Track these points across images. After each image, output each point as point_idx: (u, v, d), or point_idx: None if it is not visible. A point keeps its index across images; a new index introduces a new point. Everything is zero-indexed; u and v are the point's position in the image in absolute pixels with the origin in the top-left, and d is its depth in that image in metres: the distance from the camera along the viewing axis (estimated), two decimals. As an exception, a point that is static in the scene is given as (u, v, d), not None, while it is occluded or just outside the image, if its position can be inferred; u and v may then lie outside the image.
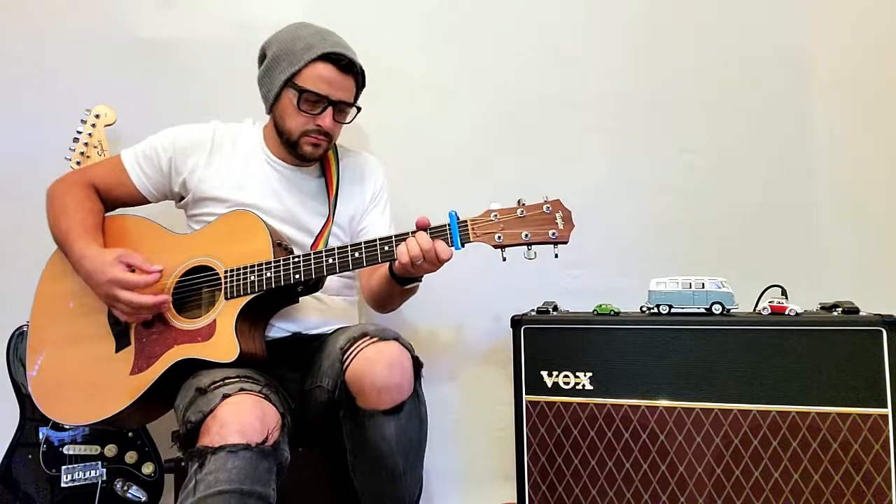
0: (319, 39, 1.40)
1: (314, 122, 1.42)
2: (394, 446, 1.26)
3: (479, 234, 1.27)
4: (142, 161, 1.47)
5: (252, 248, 1.33)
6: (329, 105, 1.41)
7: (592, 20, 1.88)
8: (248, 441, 1.09)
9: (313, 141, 1.44)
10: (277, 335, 1.44)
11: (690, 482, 1.43)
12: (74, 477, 1.58)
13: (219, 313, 1.31)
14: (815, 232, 1.80)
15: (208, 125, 1.52)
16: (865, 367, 1.36)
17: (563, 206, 1.29)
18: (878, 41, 1.80)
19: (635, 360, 1.47)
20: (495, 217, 1.27)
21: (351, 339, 1.29)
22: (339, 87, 1.41)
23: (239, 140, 1.52)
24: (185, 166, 1.47)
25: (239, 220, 1.38)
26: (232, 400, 1.14)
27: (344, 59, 1.39)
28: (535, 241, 1.26)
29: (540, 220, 1.27)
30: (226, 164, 1.48)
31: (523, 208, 1.28)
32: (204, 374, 1.25)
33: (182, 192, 1.49)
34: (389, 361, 1.24)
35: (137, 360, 1.32)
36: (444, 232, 1.28)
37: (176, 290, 1.36)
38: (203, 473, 1.06)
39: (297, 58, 1.39)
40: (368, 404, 1.24)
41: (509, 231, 1.26)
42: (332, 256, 1.30)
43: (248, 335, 1.32)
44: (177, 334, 1.32)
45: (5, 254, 1.90)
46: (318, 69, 1.39)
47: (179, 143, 1.47)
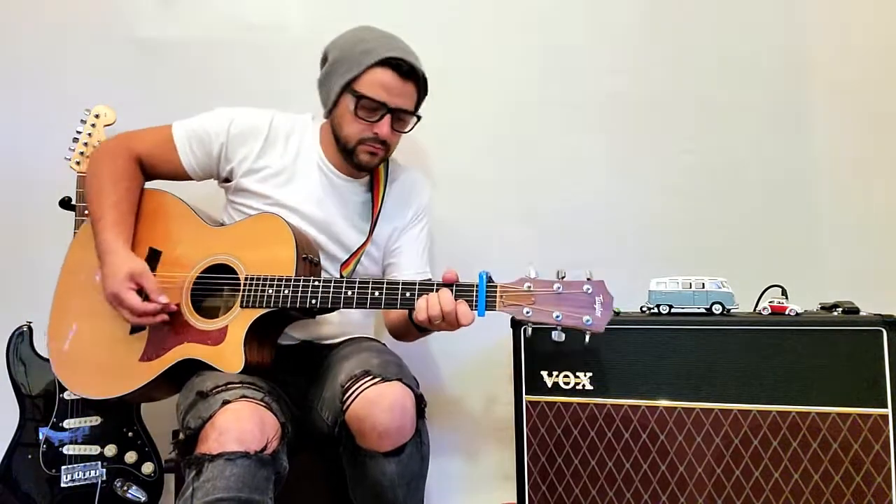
0: (381, 44, 1.35)
1: (371, 129, 1.37)
2: (395, 480, 1.23)
3: (508, 303, 1.18)
4: (193, 141, 1.43)
5: (276, 256, 1.31)
6: (387, 112, 1.36)
7: (592, 20, 1.88)
8: (247, 449, 1.08)
9: (370, 149, 1.40)
10: (288, 342, 1.43)
11: (690, 482, 1.43)
12: (74, 477, 1.58)
13: (232, 320, 1.30)
14: (815, 232, 1.80)
15: (266, 113, 1.47)
16: (865, 367, 1.36)
17: (605, 289, 1.17)
18: (878, 41, 1.80)
19: (635, 360, 1.47)
20: (529, 288, 1.18)
21: (353, 376, 1.24)
22: (399, 93, 1.36)
23: (294, 136, 1.47)
24: (235, 155, 1.43)
25: (268, 225, 1.35)
26: (231, 407, 1.12)
27: (405, 66, 1.34)
28: (566, 325, 1.16)
29: (578, 301, 1.16)
30: (277, 159, 1.44)
31: (562, 284, 1.17)
32: (207, 376, 1.25)
33: (228, 176, 1.46)
34: (391, 404, 1.19)
35: (148, 347, 1.33)
36: (470, 293, 1.20)
37: (196, 284, 1.36)
38: (201, 481, 1.05)
39: (357, 62, 1.34)
40: (368, 445, 1.21)
41: (540, 308, 1.16)
42: (351, 290, 1.26)
43: (256, 347, 1.31)
44: (189, 331, 1.32)
45: (5, 254, 1.90)
46: (378, 74, 1.34)
47: (235, 130, 1.43)
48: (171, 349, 1.31)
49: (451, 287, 1.20)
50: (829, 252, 1.79)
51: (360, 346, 1.41)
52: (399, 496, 1.25)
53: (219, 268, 1.37)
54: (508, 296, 1.18)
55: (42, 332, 1.43)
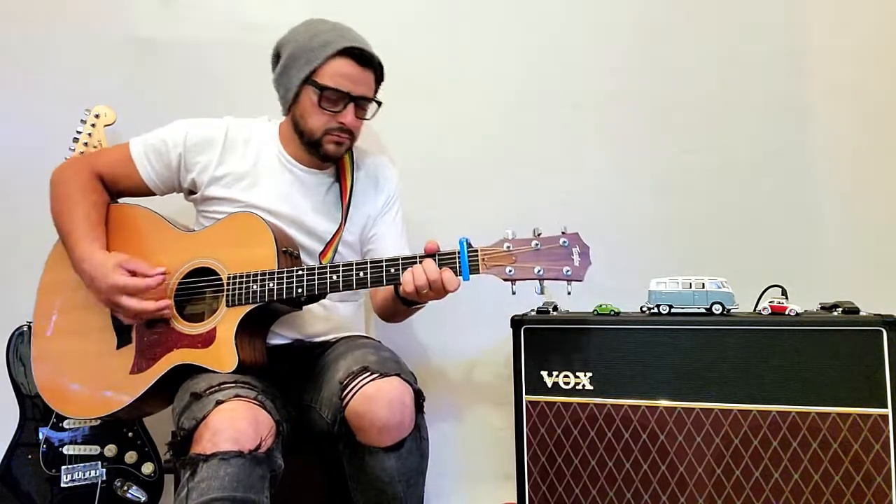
0: (337, 35, 1.37)
1: (336, 119, 1.39)
2: (395, 476, 1.24)
3: (490, 265, 1.23)
4: (150, 154, 1.44)
5: (257, 253, 1.31)
6: (350, 101, 1.39)
7: (593, 20, 1.88)
8: (241, 448, 1.07)
9: (336, 139, 1.42)
10: (279, 342, 1.43)
11: (690, 482, 1.43)
12: (74, 477, 1.58)
13: (219, 321, 1.30)
14: (815, 232, 1.80)
15: (222, 121, 1.48)
16: (865, 367, 1.36)
17: (580, 240, 1.24)
18: (878, 41, 1.80)
19: (635, 360, 1.47)
20: (508, 248, 1.23)
21: (351, 373, 1.25)
22: (359, 81, 1.39)
23: (253, 138, 1.48)
24: (195, 164, 1.44)
25: (245, 223, 1.35)
26: (224, 407, 1.12)
27: (364, 54, 1.37)
28: (548, 277, 1.22)
29: (555, 254, 1.22)
30: (239, 165, 1.45)
31: (539, 240, 1.23)
32: (201, 378, 1.24)
33: (191, 188, 1.46)
34: (390, 400, 1.20)
35: (138, 359, 1.31)
36: (453, 260, 1.24)
37: (178, 290, 1.35)
38: (195, 481, 1.05)
39: (315, 55, 1.36)
40: (368, 441, 1.22)
41: (522, 265, 1.22)
42: (336, 273, 1.27)
43: (248, 344, 1.30)
44: (178, 337, 1.31)
45: (5, 254, 1.90)
46: (338, 65, 1.36)
47: (191, 140, 1.43)
48: (161, 358, 1.30)
49: (433, 257, 1.24)
50: (829, 252, 1.79)
51: (356, 344, 1.41)
52: (399, 492, 1.25)
53: (199, 272, 1.35)
54: (490, 257, 1.23)
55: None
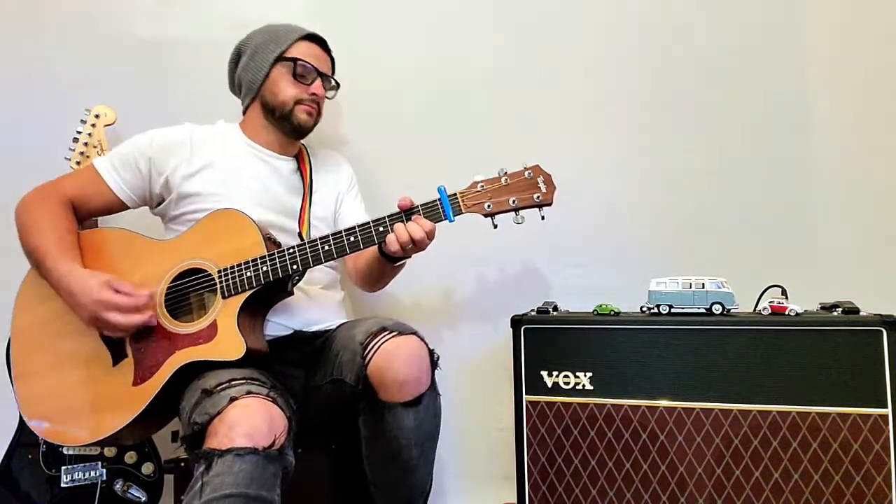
0: (296, 27, 1.55)
1: (307, 90, 1.51)
2: (410, 437, 1.30)
3: (470, 204, 1.33)
4: (118, 165, 1.45)
5: (243, 244, 1.33)
6: (318, 76, 1.53)
7: (592, 20, 1.88)
8: (256, 445, 1.08)
9: (307, 109, 1.52)
10: (278, 333, 1.44)
11: (690, 482, 1.43)
12: (74, 477, 1.58)
13: (218, 313, 1.30)
14: (815, 232, 1.80)
15: (182, 126, 1.53)
16: (865, 367, 1.36)
17: (542, 170, 1.36)
18: (878, 41, 1.80)
19: (635, 361, 1.47)
20: (482, 187, 1.34)
21: (370, 333, 1.32)
22: (323, 61, 1.56)
23: (217, 136, 1.54)
24: (166, 165, 1.45)
25: (225, 219, 1.36)
26: (240, 402, 1.13)
27: (323, 40, 1.57)
28: (522, 205, 1.34)
29: (524, 185, 1.34)
30: (209, 159, 1.48)
31: (507, 176, 1.35)
32: (209, 375, 1.24)
33: (164, 192, 1.47)
34: (409, 355, 1.29)
35: (139, 370, 1.30)
36: (436, 206, 1.33)
37: (167, 296, 1.34)
38: (210, 476, 1.05)
39: (284, 39, 1.52)
40: (389, 397, 1.29)
41: (497, 199, 1.33)
42: (327, 243, 1.32)
43: (249, 332, 1.31)
44: (176, 339, 1.30)
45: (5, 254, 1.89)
46: (304, 46, 1.53)
47: (158, 143, 1.46)
48: (163, 363, 1.29)
49: (417, 209, 1.33)
50: (829, 252, 1.79)
51: (364, 319, 1.45)
52: (413, 457, 1.31)
53: (186, 274, 1.35)
54: (468, 198, 1.34)
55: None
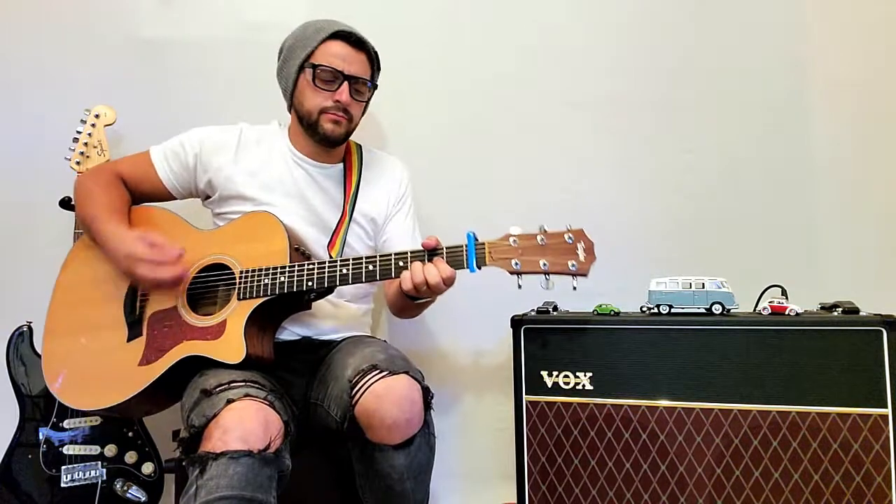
0: (328, 23, 1.45)
1: (332, 98, 1.43)
2: (403, 472, 1.25)
3: (496, 258, 1.25)
4: (169, 157, 1.49)
5: (269, 249, 1.34)
6: (344, 80, 1.43)
7: (592, 20, 1.88)
8: (251, 448, 1.08)
9: (333, 118, 1.45)
10: (287, 338, 1.44)
11: (690, 482, 1.43)
12: (74, 477, 1.58)
13: (230, 313, 1.32)
14: (815, 232, 1.80)
15: (235, 126, 1.54)
16: (865, 367, 1.36)
17: (585, 236, 1.26)
18: (878, 41, 1.80)
19: (635, 360, 1.47)
20: (514, 242, 1.25)
21: (360, 371, 1.26)
22: (352, 61, 1.44)
23: (265, 140, 1.53)
24: (211, 165, 1.48)
25: (259, 221, 1.39)
26: (235, 406, 1.13)
27: (354, 36, 1.44)
28: (554, 271, 1.24)
29: (560, 249, 1.24)
30: (252, 164, 1.49)
31: (544, 235, 1.25)
32: (210, 374, 1.25)
33: (208, 190, 1.50)
34: (399, 398, 1.22)
35: (147, 351, 1.33)
36: (460, 252, 1.26)
37: (191, 285, 1.37)
38: (204, 479, 1.06)
39: (310, 41, 1.43)
40: (378, 439, 1.24)
41: (527, 258, 1.24)
42: (346, 267, 1.30)
43: (256, 338, 1.32)
44: (188, 329, 1.33)
45: (5, 254, 1.90)
46: (330, 47, 1.43)
47: (207, 143, 1.49)
48: (170, 349, 1.32)
49: (440, 251, 1.27)
50: (829, 252, 1.79)
51: (362, 343, 1.42)
52: (408, 489, 1.27)
53: (213, 268, 1.38)
54: (497, 251, 1.26)
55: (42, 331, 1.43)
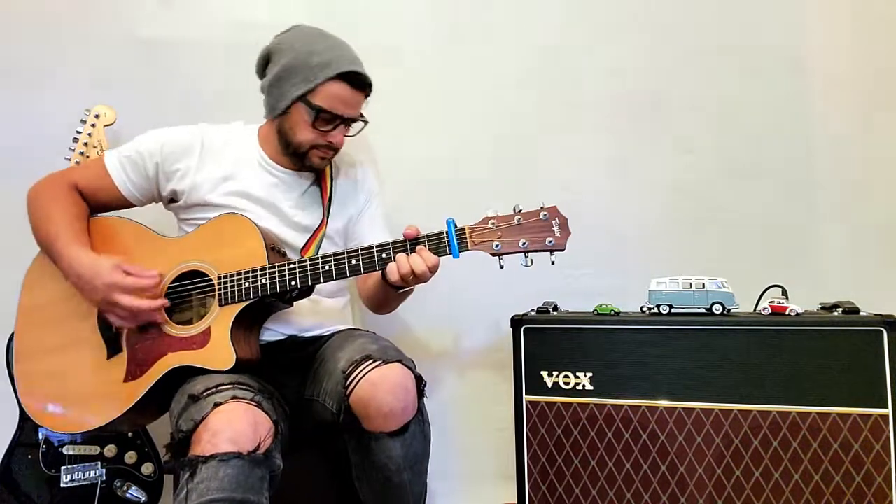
0: (335, 56, 1.38)
1: (325, 138, 1.41)
2: (400, 462, 1.25)
3: (477, 242, 1.27)
4: (126, 165, 1.43)
5: (245, 252, 1.32)
6: (342, 123, 1.42)
7: (593, 20, 1.88)
8: (240, 449, 1.08)
9: (322, 154, 1.44)
10: (272, 338, 1.43)
11: (691, 482, 1.43)
12: (74, 477, 1.58)
13: (213, 320, 1.30)
14: (815, 232, 1.80)
15: (196, 128, 1.48)
16: (866, 368, 1.36)
17: (559, 212, 1.28)
18: (877, 40, 1.80)
19: (635, 361, 1.47)
20: (493, 225, 1.27)
21: (353, 361, 1.26)
22: (353, 104, 1.41)
23: (231, 143, 1.49)
24: (174, 173, 1.43)
25: (231, 224, 1.35)
26: (223, 408, 1.12)
27: (360, 77, 1.39)
28: (533, 248, 1.27)
29: (537, 227, 1.27)
30: (218, 168, 1.45)
31: (520, 215, 1.28)
32: (198, 380, 1.24)
33: (171, 196, 1.46)
34: (393, 386, 1.22)
35: (130, 366, 1.31)
36: (442, 240, 1.28)
37: (167, 295, 1.34)
38: (195, 482, 1.05)
39: (314, 74, 1.36)
40: (374, 427, 1.24)
41: (507, 239, 1.27)
42: (328, 263, 1.29)
43: (243, 341, 1.31)
44: (171, 341, 1.31)
45: (5, 254, 1.89)
46: (334, 88, 1.37)
47: (168, 149, 1.43)
48: (154, 363, 1.29)
49: (422, 240, 1.28)
50: (829, 252, 1.79)
51: (353, 335, 1.42)
52: (405, 480, 1.27)
53: (187, 276, 1.35)
54: (476, 234, 1.28)
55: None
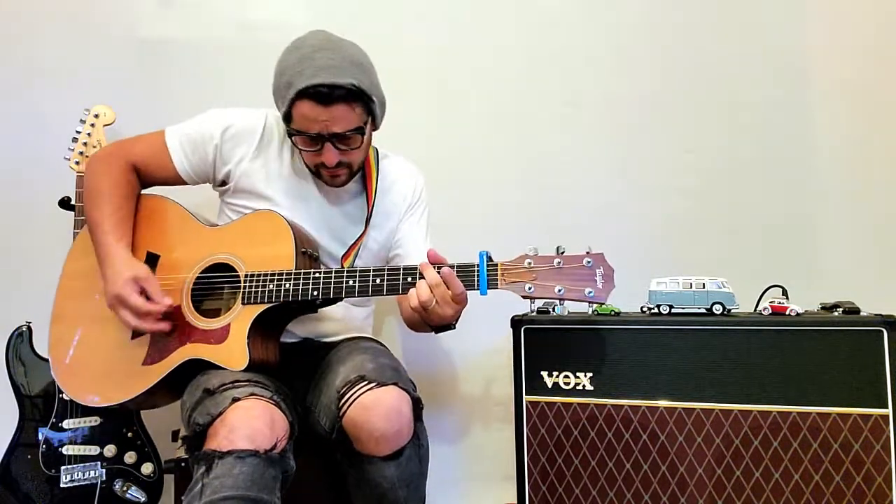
0: (297, 72, 1.26)
1: (319, 158, 1.34)
2: (395, 482, 1.23)
3: (509, 281, 1.19)
4: (186, 145, 1.43)
5: (275, 253, 1.31)
6: (325, 141, 1.31)
7: (592, 20, 1.88)
8: (257, 447, 1.07)
9: (331, 174, 1.38)
10: (288, 340, 1.43)
11: (691, 483, 1.43)
12: (74, 477, 1.58)
13: (234, 318, 1.30)
14: (815, 232, 1.80)
15: (260, 113, 1.46)
16: (866, 367, 1.36)
17: (605, 261, 1.19)
18: (878, 41, 1.80)
19: (636, 361, 1.47)
20: (529, 265, 1.20)
21: (348, 381, 1.23)
22: (327, 120, 1.27)
23: (287, 140, 1.43)
24: (231, 157, 1.42)
25: (266, 222, 1.36)
26: (242, 404, 1.12)
27: (324, 89, 1.24)
28: (569, 297, 1.18)
29: (578, 274, 1.18)
30: (272, 160, 1.44)
31: (561, 259, 1.19)
32: (213, 373, 1.24)
33: (225, 179, 1.45)
34: (388, 410, 1.18)
35: (151, 350, 1.33)
36: (472, 273, 1.20)
37: (196, 285, 1.36)
38: (210, 478, 1.05)
39: (282, 97, 1.30)
40: (366, 451, 1.21)
41: (542, 283, 1.18)
42: (353, 279, 1.26)
43: (260, 343, 1.31)
44: (191, 331, 1.32)
45: (5, 254, 1.90)
46: (301, 108, 1.27)
47: (229, 133, 1.42)
48: (174, 351, 1.31)
49: (451, 269, 1.20)
50: (829, 252, 1.79)
51: (357, 348, 1.40)
52: (401, 497, 1.25)
53: (218, 267, 1.37)
54: (509, 273, 1.19)
55: (42, 331, 1.42)
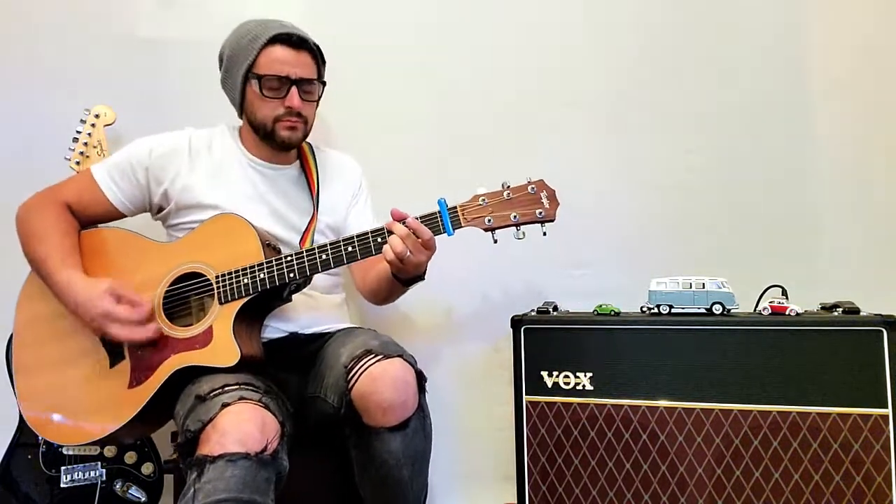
0: (265, 27, 1.42)
1: (283, 104, 1.42)
2: (400, 458, 1.26)
3: (470, 218, 1.30)
4: (115, 175, 1.44)
5: (242, 250, 1.33)
6: (292, 84, 1.42)
7: (592, 20, 1.88)
8: (248, 450, 1.08)
9: (288, 124, 1.44)
10: (273, 335, 1.44)
11: (691, 483, 1.43)
12: (74, 477, 1.58)
13: (214, 319, 1.30)
14: (815, 232, 1.80)
15: (182, 132, 1.50)
16: (866, 367, 1.36)
17: (546, 185, 1.32)
18: (878, 40, 1.80)
19: (636, 361, 1.47)
20: (483, 201, 1.31)
21: (355, 356, 1.27)
22: (296, 64, 1.42)
23: (215, 144, 1.50)
24: (165, 176, 1.44)
25: (225, 224, 1.36)
26: (231, 409, 1.13)
27: (294, 37, 1.41)
28: (524, 221, 1.31)
29: (526, 200, 1.31)
30: (207, 170, 1.46)
31: (509, 190, 1.31)
32: (204, 380, 1.25)
33: (163, 202, 1.46)
34: (394, 380, 1.24)
35: (134, 373, 1.31)
36: (435, 219, 1.30)
37: (165, 299, 1.35)
38: (202, 482, 1.06)
39: (249, 50, 1.41)
40: (374, 422, 1.25)
41: (498, 213, 1.30)
42: (325, 252, 1.31)
43: (245, 338, 1.31)
44: (173, 343, 1.31)
45: (5, 255, 1.89)
46: (271, 53, 1.40)
47: (157, 153, 1.45)
48: (159, 366, 1.30)
49: (404, 220, 1.28)
50: (829, 252, 1.78)
51: (354, 332, 1.44)
52: (405, 475, 1.27)
53: (185, 278, 1.35)
54: (468, 212, 1.31)
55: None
